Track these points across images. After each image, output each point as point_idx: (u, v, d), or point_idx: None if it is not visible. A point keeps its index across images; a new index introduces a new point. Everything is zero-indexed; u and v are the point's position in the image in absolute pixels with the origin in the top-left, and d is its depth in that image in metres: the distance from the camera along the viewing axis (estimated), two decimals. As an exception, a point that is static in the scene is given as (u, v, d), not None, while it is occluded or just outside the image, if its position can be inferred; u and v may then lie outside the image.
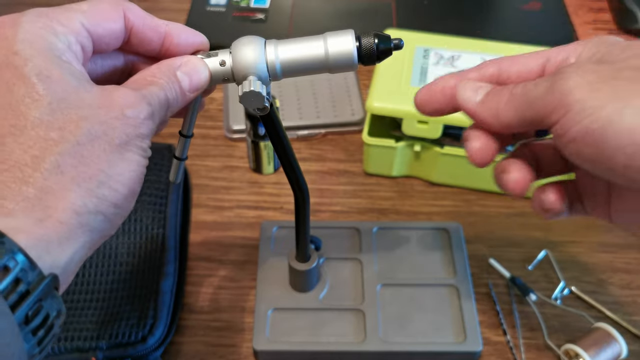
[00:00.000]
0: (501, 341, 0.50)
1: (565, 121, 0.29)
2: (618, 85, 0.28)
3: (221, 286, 0.53)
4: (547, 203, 0.34)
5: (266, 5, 0.75)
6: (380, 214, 0.58)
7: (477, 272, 0.54)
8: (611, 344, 0.46)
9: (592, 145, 0.28)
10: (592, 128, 0.28)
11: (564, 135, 0.29)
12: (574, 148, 0.29)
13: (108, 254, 0.51)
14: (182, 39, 0.34)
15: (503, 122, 0.32)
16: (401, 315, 0.49)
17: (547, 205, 0.34)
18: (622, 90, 0.28)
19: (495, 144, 0.34)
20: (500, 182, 0.34)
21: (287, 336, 0.48)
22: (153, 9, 0.78)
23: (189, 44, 0.34)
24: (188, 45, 0.34)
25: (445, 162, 0.57)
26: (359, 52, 0.32)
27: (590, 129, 0.28)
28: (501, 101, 0.32)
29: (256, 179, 0.61)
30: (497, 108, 0.32)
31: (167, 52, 0.34)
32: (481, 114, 0.33)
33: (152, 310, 0.47)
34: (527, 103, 0.30)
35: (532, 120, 0.31)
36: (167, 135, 0.64)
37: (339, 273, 0.52)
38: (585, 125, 0.28)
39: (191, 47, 0.34)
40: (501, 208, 0.59)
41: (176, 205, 0.55)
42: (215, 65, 0.33)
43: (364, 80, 0.69)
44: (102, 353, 0.45)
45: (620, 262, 0.55)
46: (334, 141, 0.64)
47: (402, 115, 0.54)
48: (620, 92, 0.28)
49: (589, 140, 0.28)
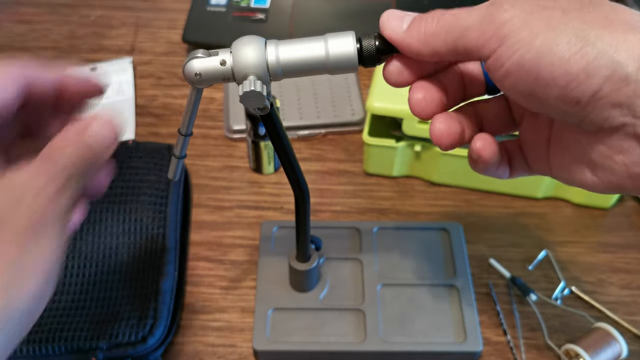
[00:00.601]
0: (501, 341, 0.50)
1: (500, 54, 0.28)
2: (552, 15, 0.27)
3: (221, 286, 0.53)
4: (475, 149, 0.33)
5: (266, 5, 0.75)
6: (381, 214, 0.58)
7: (477, 272, 0.54)
8: (611, 344, 0.46)
9: (526, 77, 0.27)
10: (525, 59, 0.27)
11: (499, 69, 0.28)
12: (509, 82, 0.28)
13: (108, 254, 0.51)
14: (75, 91, 0.34)
15: (431, 48, 0.30)
16: (401, 315, 0.49)
17: (476, 153, 0.33)
18: (555, 19, 0.27)
19: (439, 96, 0.32)
20: (430, 134, 0.33)
21: (287, 336, 0.48)
22: (153, 9, 0.78)
23: (82, 94, 0.34)
24: (82, 95, 0.34)
25: (446, 162, 0.57)
26: (360, 54, 0.32)
27: (524, 60, 0.27)
28: (429, 26, 0.30)
29: (256, 179, 0.61)
30: (425, 33, 0.30)
31: (63, 104, 0.34)
32: (409, 41, 0.30)
33: (152, 310, 0.47)
34: (459, 30, 0.29)
35: (464, 50, 0.29)
36: (167, 135, 0.64)
37: (339, 273, 0.52)
38: (519, 57, 0.27)
39: (86, 96, 0.34)
40: (501, 208, 0.59)
41: (176, 205, 0.55)
42: (216, 64, 0.33)
43: (364, 80, 0.69)
44: (102, 353, 0.45)
45: (620, 262, 0.55)
46: (334, 141, 0.64)
47: (403, 115, 0.54)
48: (553, 22, 0.27)
49: (522, 72, 0.27)
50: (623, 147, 0.28)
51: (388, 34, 0.31)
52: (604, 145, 0.29)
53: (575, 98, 0.27)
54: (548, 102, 0.28)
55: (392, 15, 0.32)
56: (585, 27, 0.27)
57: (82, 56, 0.72)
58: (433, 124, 0.32)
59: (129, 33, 0.75)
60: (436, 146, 0.33)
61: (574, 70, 0.26)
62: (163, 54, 0.73)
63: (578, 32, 0.27)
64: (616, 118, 0.27)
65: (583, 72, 0.26)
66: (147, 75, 0.70)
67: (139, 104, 0.67)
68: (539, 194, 0.58)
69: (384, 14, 0.32)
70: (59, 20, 0.76)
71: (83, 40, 0.74)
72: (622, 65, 0.26)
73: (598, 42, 0.26)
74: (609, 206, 0.58)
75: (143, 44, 0.74)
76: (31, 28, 0.75)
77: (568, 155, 0.32)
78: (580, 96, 0.27)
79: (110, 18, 0.77)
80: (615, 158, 0.29)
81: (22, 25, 0.76)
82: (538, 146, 0.34)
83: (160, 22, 0.76)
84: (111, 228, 0.52)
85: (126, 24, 0.76)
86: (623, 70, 0.26)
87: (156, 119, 0.66)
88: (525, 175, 0.36)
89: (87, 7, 0.78)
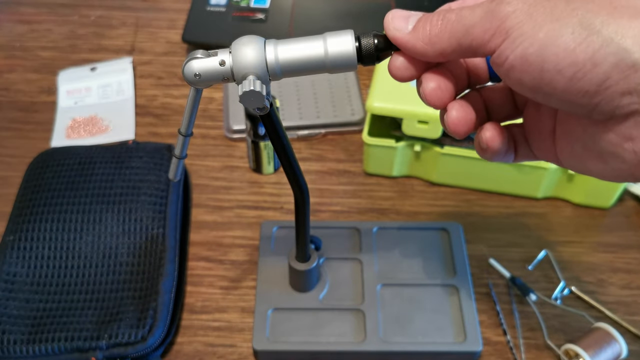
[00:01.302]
0: (501, 341, 0.50)
1: (504, 48, 0.28)
2: (556, 5, 0.27)
3: (221, 286, 0.53)
4: (484, 140, 0.33)
5: (266, 5, 0.75)
6: (380, 214, 0.58)
7: (477, 272, 0.54)
8: (611, 344, 0.46)
9: (531, 71, 0.27)
10: (530, 52, 0.27)
11: (504, 63, 0.28)
12: (515, 76, 0.28)
13: (108, 254, 0.51)
14: None
15: (437, 49, 0.30)
16: (401, 315, 0.49)
17: (485, 143, 0.33)
18: (559, 10, 0.26)
19: (451, 84, 0.32)
20: (443, 123, 0.33)
21: (287, 336, 0.48)
22: (153, 8, 0.78)
23: None
24: None
25: (446, 162, 0.57)
26: (359, 53, 0.32)
27: (528, 53, 0.27)
28: (434, 27, 0.30)
29: (256, 179, 0.61)
30: (429, 34, 0.30)
31: None
32: (414, 44, 0.30)
33: (152, 310, 0.47)
34: (462, 29, 0.29)
35: (469, 48, 0.29)
36: (166, 135, 0.64)
37: (339, 273, 0.52)
38: (522, 50, 0.27)
39: None
40: (501, 208, 0.59)
41: (176, 205, 0.55)
42: (215, 64, 0.33)
43: (364, 80, 0.69)
44: (102, 353, 0.45)
45: (620, 262, 0.55)
46: (334, 141, 0.64)
47: (402, 115, 0.54)
48: (557, 12, 0.26)
49: (527, 66, 0.27)
50: (633, 134, 0.27)
51: (392, 34, 0.31)
52: (613, 133, 0.28)
53: (583, 88, 0.27)
54: (555, 95, 0.28)
55: (396, 15, 0.31)
56: (590, 15, 0.26)
57: (82, 56, 0.72)
58: (449, 112, 0.32)
59: (129, 33, 0.75)
60: (451, 134, 0.33)
61: (580, 60, 0.26)
62: (163, 54, 0.73)
63: (582, 21, 0.26)
64: (627, 106, 0.27)
65: (589, 61, 0.26)
66: (147, 75, 0.70)
67: (139, 104, 0.67)
68: (539, 194, 0.58)
69: (389, 14, 0.32)
70: (59, 20, 0.76)
71: (83, 40, 0.74)
72: (629, 52, 0.25)
73: (603, 29, 0.26)
74: (609, 206, 0.58)
75: (143, 44, 0.74)
76: (31, 28, 0.75)
77: (575, 144, 0.31)
78: (587, 86, 0.26)
79: (110, 18, 0.77)
80: (625, 146, 0.28)
81: (22, 25, 0.76)
82: (542, 136, 0.33)
83: (160, 22, 0.76)
84: (111, 228, 0.52)
85: (126, 24, 0.76)
86: (630, 57, 0.25)
87: (156, 119, 0.66)
88: (530, 161, 0.35)
89: (87, 7, 0.78)
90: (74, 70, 0.70)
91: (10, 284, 0.49)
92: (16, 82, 0.69)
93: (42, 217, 0.52)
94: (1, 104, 0.67)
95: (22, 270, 0.50)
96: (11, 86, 0.69)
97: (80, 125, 0.65)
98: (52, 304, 0.48)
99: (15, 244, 0.51)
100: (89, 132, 0.64)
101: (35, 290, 0.49)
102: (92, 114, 0.66)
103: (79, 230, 0.52)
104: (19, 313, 0.47)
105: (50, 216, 0.52)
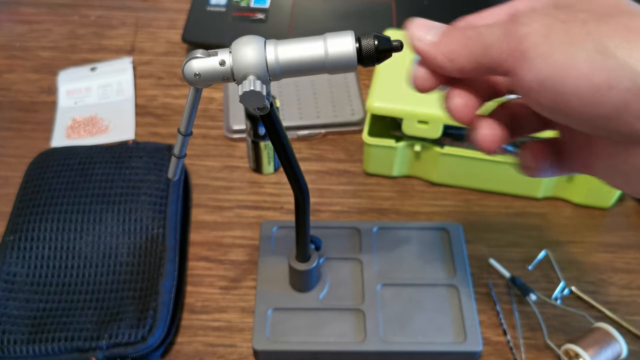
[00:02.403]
0: (501, 341, 0.50)
1: (521, 69, 0.28)
2: (571, 28, 0.27)
3: (221, 286, 0.53)
4: (527, 161, 0.34)
5: (266, 5, 0.75)
6: (380, 214, 0.58)
7: (477, 272, 0.54)
8: (611, 344, 0.46)
9: (548, 92, 0.27)
10: (546, 75, 0.27)
11: (522, 84, 0.28)
12: (533, 97, 0.28)
13: (108, 254, 0.51)
14: None
15: (457, 66, 0.30)
16: (401, 315, 0.49)
17: (526, 163, 0.34)
18: (575, 32, 0.27)
19: (476, 99, 0.32)
20: (472, 140, 0.33)
21: (287, 336, 0.48)
22: (153, 8, 0.78)
23: None
24: None
25: (446, 162, 0.57)
26: (359, 53, 0.32)
27: (545, 75, 0.27)
28: (454, 43, 0.30)
29: (256, 179, 0.61)
30: (450, 50, 0.30)
31: None
32: (435, 56, 0.31)
33: (152, 310, 0.47)
34: (481, 48, 0.29)
35: (488, 67, 0.29)
36: (166, 135, 0.64)
37: (339, 273, 0.52)
38: (539, 72, 0.27)
39: None
40: (501, 208, 0.59)
41: (176, 205, 0.55)
42: (215, 64, 0.33)
43: (364, 80, 0.69)
44: (102, 353, 0.45)
45: (620, 262, 0.55)
46: (334, 141, 0.64)
47: (402, 115, 0.54)
48: (572, 35, 0.27)
49: (544, 88, 0.27)
50: None
51: (415, 44, 0.31)
52: (634, 156, 0.28)
53: (601, 112, 0.27)
54: (574, 116, 0.28)
55: (419, 24, 0.32)
56: (605, 39, 0.26)
57: (82, 56, 0.72)
58: (479, 130, 0.32)
59: (129, 33, 0.75)
60: (480, 151, 0.33)
61: (595, 84, 0.26)
62: (163, 53, 0.73)
63: (597, 45, 0.26)
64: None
65: (605, 84, 0.26)
66: (147, 75, 0.70)
67: (139, 104, 0.67)
68: (539, 194, 0.58)
69: (412, 22, 0.32)
70: (59, 20, 0.76)
71: (83, 40, 0.74)
72: None
73: (618, 53, 0.26)
74: (609, 206, 0.58)
75: (143, 44, 0.74)
76: (31, 28, 0.75)
77: (603, 162, 0.31)
78: (605, 110, 0.26)
79: (110, 18, 0.77)
80: None
81: (22, 25, 0.76)
82: (579, 148, 0.33)
83: (160, 22, 0.76)
84: (111, 228, 0.52)
85: (126, 24, 0.76)
86: None
87: (156, 118, 0.66)
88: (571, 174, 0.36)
89: (87, 7, 0.78)
90: (74, 70, 0.70)
91: (10, 284, 0.49)
92: (16, 82, 0.69)
93: (42, 217, 0.52)
94: (1, 104, 0.67)
95: (22, 270, 0.50)
96: (11, 86, 0.69)
97: (80, 125, 0.65)
98: (52, 304, 0.48)
99: (15, 244, 0.51)
100: (89, 132, 0.64)
101: (35, 290, 0.49)
102: (92, 114, 0.66)
103: (79, 230, 0.52)
104: (19, 313, 0.47)
105: (50, 216, 0.52)
